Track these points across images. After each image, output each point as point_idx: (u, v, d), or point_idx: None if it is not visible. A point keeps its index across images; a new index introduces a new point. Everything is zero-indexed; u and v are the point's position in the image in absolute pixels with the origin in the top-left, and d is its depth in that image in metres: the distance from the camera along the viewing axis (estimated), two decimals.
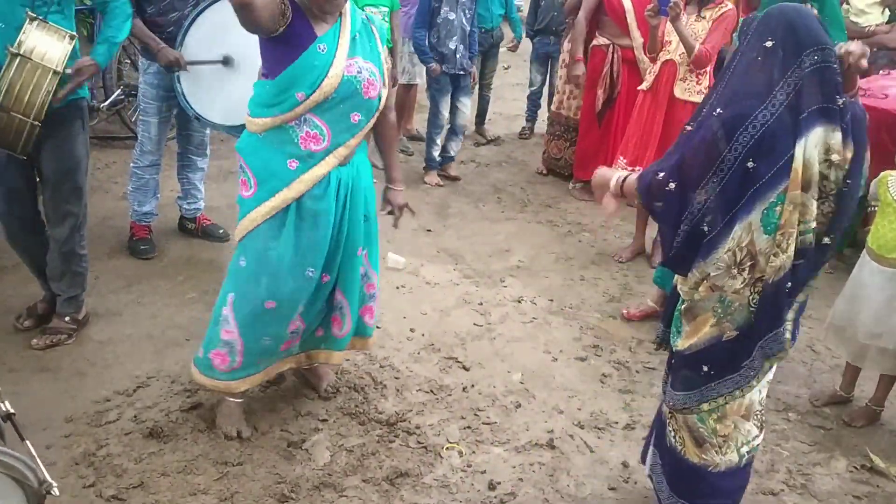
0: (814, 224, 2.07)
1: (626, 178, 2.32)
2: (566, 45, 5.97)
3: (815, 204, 2.05)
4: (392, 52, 5.86)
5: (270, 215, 2.59)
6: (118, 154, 5.71)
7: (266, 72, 2.56)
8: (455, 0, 5.57)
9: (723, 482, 2.39)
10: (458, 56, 5.70)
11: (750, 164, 2.04)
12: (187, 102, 3.87)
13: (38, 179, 3.37)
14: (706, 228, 2.12)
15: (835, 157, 2.02)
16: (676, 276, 2.33)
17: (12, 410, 1.67)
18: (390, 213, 3.09)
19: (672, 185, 2.14)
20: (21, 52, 2.83)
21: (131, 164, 4.31)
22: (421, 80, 6.62)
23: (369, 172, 2.88)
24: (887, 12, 5.19)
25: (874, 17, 5.22)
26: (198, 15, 3.81)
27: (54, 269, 3.39)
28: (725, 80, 2.16)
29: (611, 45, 5.38)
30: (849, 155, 2.05)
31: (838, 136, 2.02)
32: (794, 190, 2.02)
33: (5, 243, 4.12)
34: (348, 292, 2.87)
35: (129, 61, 6.13)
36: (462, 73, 5.80)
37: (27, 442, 1.67)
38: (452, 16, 5.59)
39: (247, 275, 2.67)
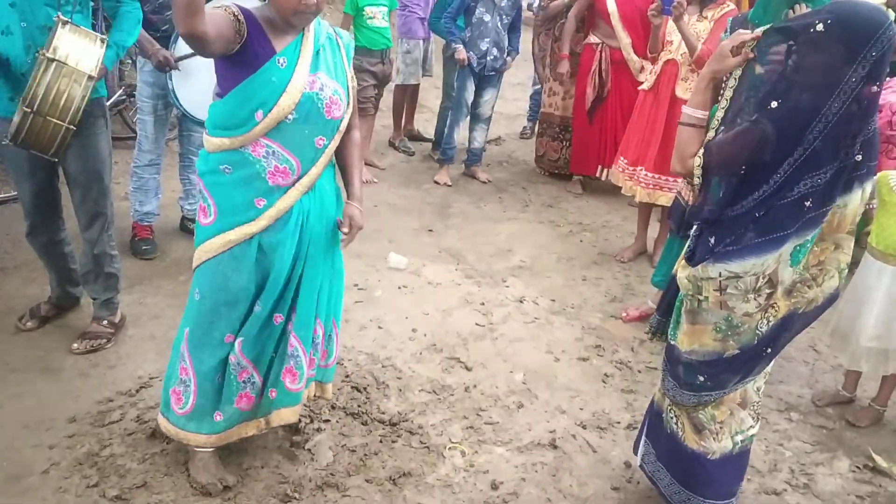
0: (849, 260, 2.19)
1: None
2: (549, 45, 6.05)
3: (852, 241, 2.15)
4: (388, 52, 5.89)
5: (228, 247, 2.39)
6: (119, 154, 5.69)
7: (220, 91, 2.34)
8: (492, 2, 5.59)
9: (719, 470, 2.43)
10: (489, 58, 5.71)
11: (807, 204, 2.04)
12: (177, 99, 3.92)
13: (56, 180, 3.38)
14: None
15: (863, 204, 2.12)
16: (679, 267, 2.33)
17: None
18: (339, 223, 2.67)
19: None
20: (56, 58, 2.83)
21: (131, 164, 4.32)
22: (415, 81, 6.62)
23: (333, 199, 2.59)
24: (891, 13, 5.19)
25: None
26: None
27: (87, 272, 3.41)
28: (841, 112, 1.98)
29: (601, 44, 5.46)
30: None
31: (870, 188, 2.11)
32: (840, 232, 2.12)
33: (6, 244, 4.15)
34: (303, 338, 2.58)
35: (130, 61, 6.14)
36: (492, 73, 5.81)
37: None
38: (487, 17, 5.61)
39: (204, 308, 2.48)
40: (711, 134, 2.13)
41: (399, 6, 6.19)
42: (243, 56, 2.23)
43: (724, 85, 2.17)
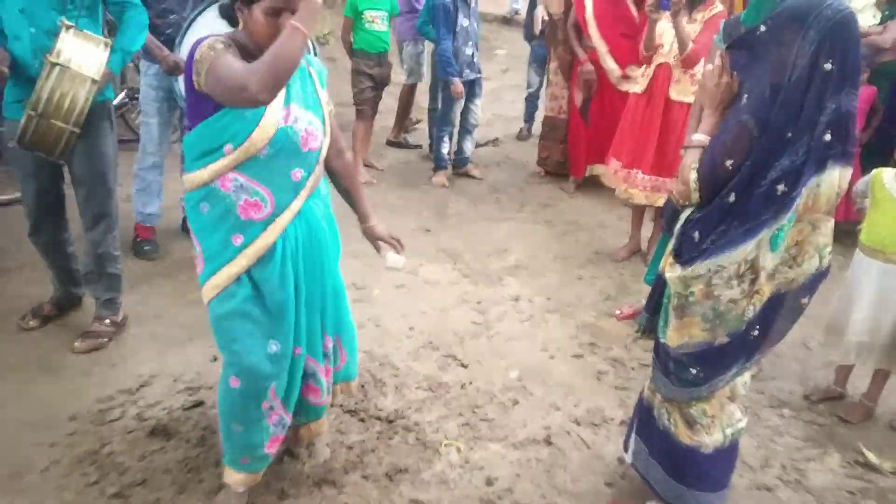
0: (828, 241, 2.21)
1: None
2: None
3: (831, 223, 2.18)
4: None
5: (218, 292, 2.29)
6: (122, 156, 5.68)
7: (190, 125, 2.23)
8: (467, 6, 5.65)
9: (712, 463, 2.47)
10: (475, 61, 5.80)
11: (780, 188, 2.10)
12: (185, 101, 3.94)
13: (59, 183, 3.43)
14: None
15: (840, 191, 2.14)
16: (667, 266, 2.37)
17: None
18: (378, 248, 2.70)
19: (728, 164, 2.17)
20: (60, 62, 2.88)
21: (135, 166, 4.36)
22: (421, 80, 6.72)
23: (324, 223, 2.47)
24: (879, 14, 5.23)
25: (866, 19, 5.25)
26: (195, 18, 3.86)
27: (90, 272, 3.45)
28: (782, 84, 2.07)
29: (590, 49, 5.62)
30: None
31: (848, 173, 2.12)
32: (815, 213, 2.14)
33: (10, 244, 4.19)
34: (317, 354, 2.54)
35: (132, 64, 6.17)
36: (478, 76, 5.89)
37: None
38: (466, 22, 5.67)
39: (220, 349, 2.41)
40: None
41: (410, 9, 6.28)
42: None
43: None
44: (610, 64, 5.46)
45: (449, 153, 6.12)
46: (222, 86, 2.01)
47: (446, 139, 6.01)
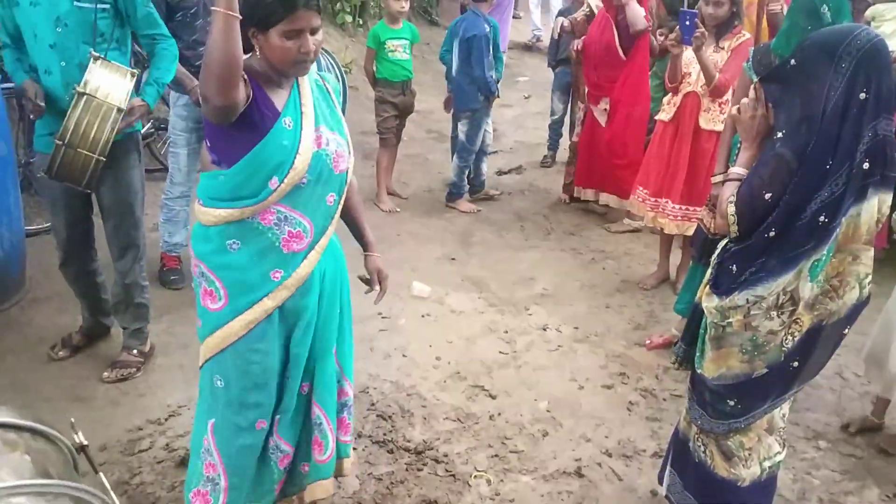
0: (869, 272, 2.18)
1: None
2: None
3: (871, 252, 2.15)
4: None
5: (250, 328, 2.16)
6: (147, 186, 5.73)
7: (218, 159, 2.10)
8: (496, 36, 5.85)
9: (750, 497, 2.44)
10: (498, 83, 5.95)
11: (822, 219, 2.08)
12: None
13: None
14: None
15: (881, 217, 2.13)
16: (704, 296, 2.35)
17: (85, 442, 1.66)
18: (367, 280, 2.57)
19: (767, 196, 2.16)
20: (87, 91, 2.93)
21: (162, 196, 4.41)
22: None
23: (342, 253, 2.43)
24: None
25: (893, 45, 5.22)
26: None
27: (118, 302, 3.48)
28: (816, 117, 2.07)
29: None
30: None
31: (889, 198, 2.11)
32: (856, 243, 2.13)
33: (38, 274, 4.23)
34: (325, 403, 2.39)
35: None
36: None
37: (101, 474, 1.66)
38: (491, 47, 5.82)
39: (230, 395, 2.23)
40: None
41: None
42: (247, 119, 2.02)
43: None
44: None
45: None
46: (203, 107, 1.96)
47: (469, 168, 6.05)
